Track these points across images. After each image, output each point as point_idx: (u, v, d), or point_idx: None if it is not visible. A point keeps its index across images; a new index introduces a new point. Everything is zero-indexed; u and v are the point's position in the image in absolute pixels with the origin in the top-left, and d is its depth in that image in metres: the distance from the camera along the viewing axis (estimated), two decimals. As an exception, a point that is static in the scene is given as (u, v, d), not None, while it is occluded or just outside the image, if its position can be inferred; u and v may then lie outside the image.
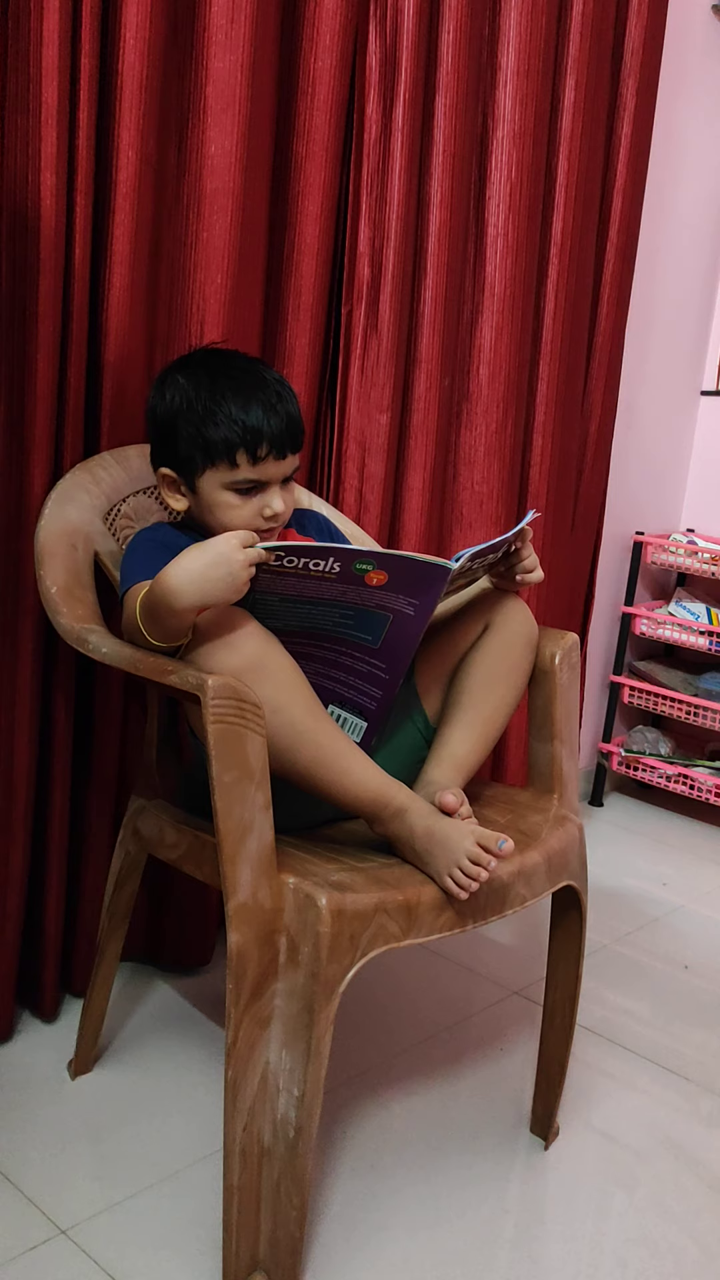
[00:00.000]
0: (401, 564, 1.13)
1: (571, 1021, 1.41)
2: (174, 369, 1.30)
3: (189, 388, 1.26)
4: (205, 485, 1.26)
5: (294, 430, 1.26)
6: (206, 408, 1.23)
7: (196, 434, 1.24)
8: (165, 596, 1.09)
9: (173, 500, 1.31)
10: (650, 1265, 1.27)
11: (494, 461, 1.96)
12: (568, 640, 1.39)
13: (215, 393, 1.24)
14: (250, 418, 1.22)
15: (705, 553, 2.50)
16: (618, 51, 2.07)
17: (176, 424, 1.26)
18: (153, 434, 1.31)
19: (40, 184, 1.30)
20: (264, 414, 1.23)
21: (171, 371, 1.30)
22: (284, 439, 1.25)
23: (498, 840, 1.14)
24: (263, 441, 1.23)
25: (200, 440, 1.24)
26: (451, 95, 1.75)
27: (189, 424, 1.24)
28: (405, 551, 1.13)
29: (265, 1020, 1.10)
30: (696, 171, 2.50)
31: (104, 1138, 1.39)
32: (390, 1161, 1.39)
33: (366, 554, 1.11)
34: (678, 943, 2.02)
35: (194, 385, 1.26)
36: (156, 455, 1.32)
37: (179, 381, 1.27)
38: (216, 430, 1.23)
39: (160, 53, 1.41)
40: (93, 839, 1.57)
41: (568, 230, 1.99)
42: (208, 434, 1.23)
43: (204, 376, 1.26)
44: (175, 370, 1.30)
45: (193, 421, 1.24)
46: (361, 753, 1.17)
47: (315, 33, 1.58)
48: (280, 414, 1.24)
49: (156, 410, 1.29)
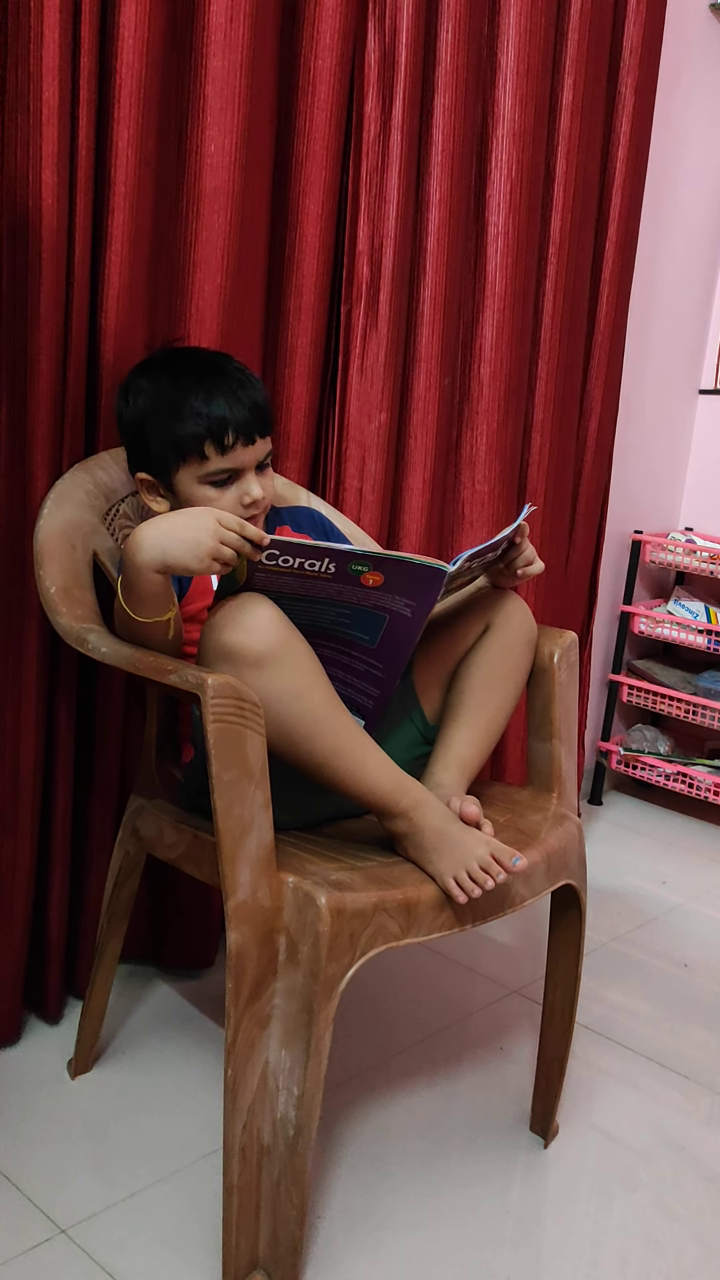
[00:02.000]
0: (397, 566, 1.13)
1: (571, 1020, 1.41)
2: (136, 374, 1.32)
3: (151, 389, 1.28)
4: (181, 483, 1.28)
5: (259, 415, 1.28)
6: (171, 405, 1.25)
7: (164, 433, 1.26)
8: (129, 551, 1.11)
9: (154, 504, 1.32)
10: (651, 1264, 1.27)
11: (495, 461, 1.95)
12: (566, 639, 1.40)
13: (177, 390, 1.26)
14: (213, 409, 1.24)
15: (704, 551, 2.50)
16: (616, 50, 2.07)
17: (144, 427, 1.28)
18: (125, 441, 1.33)
19: (41, 183, 1.30)
20: (227, 403, 1.25)
21: (134, 376, 1.32)
22: (250, 424, 1.26)
23: (512, 856, 1.15)
24: (228, 430, 1.25)
25: (169, 438, 1.26)
26: (450, 94, 1.75)
27: (156, 425, 1.26)
28: (401, 553, 1.13)
29: (265, 1019, 1.10)
30: (695, 170, 2.50)
31: (104, 1137, 1.39)
32: (390, 1160, 1.39)
33: (361, 555, 1.11)
34: (677, 941, 2.02)
35: (156, 386, 1.28)
36: (132, 461, 1.33)
37: (141, 385, 1.29)
38: (183, 426, 1.25)
39: (160, 52, 1.40)
40: (94, 840, 1.57)
41: (566, 228, 1.99)
42: (175, 431, 1.25)
43: (165, 377, 1.28)
44: (137, 375, 1.31)
45: (159, 422, 1.26)
46: (376, 745, 1.17)
47: (315, 32, 1.58)
48: (243, 401, 1.26)
49: (124, 416, 1.31)
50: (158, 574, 1.12)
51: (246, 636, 1.09)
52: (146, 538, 1.11)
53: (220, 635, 1.10)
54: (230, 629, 1.09)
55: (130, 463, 1.34)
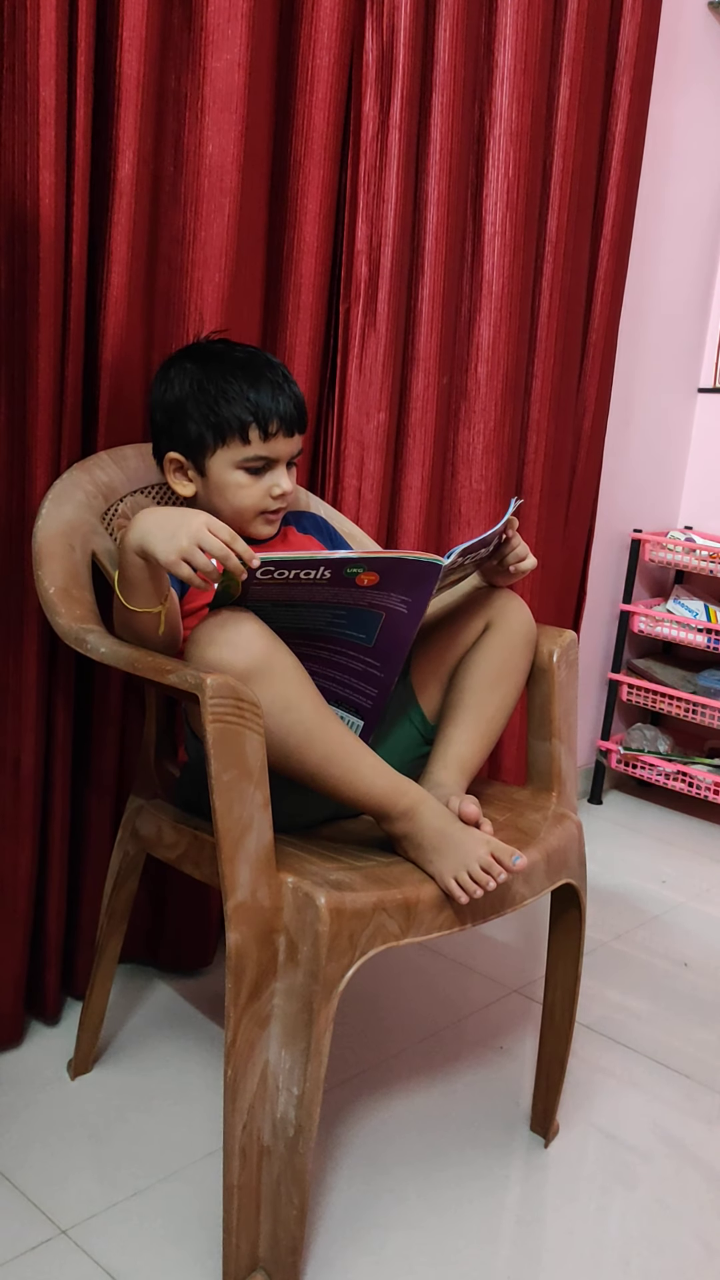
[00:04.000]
0: (392, 564, 1.13)
1: (571, 1019, 1.41)
2: (179, 357, 1.34)
3: (197, 371, 1.30)
4: (216, 466, 1.29)
5: (301, 410, 1.31)
6: (218, 387, 1.27)
7: (208, 413, 1.27)
8: (126, 529, 1.12)
9: (180, 486, 1.33)
10: (652, 1263, 1.27)
11: (492, 460, 1.95)
12: (566, 638, 1.39)
13: (224, 374, 1.28)
14: (261, 396, 1.27)
15: (703, 550, 2.50)
16: (613, 48, 2.07)
17: (186, 406, 1.29)
18: (160, 420, 1.34)
19: (39, 183, 1.30)
20: (273, 392, 1.28)
21: (177, 359, 1.34)
22: (293, 417, 1.30)
23: (512, 855, 1.15)
24: (274, 417, 1.27)
25: (212, 419, 1.27)
26: (448, 93, 1.75)
27: (200, 405, 1.28)
28: (395, 551, 1.13)
29: (264, 1019, 1.10)
30: (692, 168, 2.50)
31: (104, 1137, 1.39)
32: (390, 1160, 1.39)
33: (356, 559, 1.11)
34: (677, 940, 2.02)
35: (202, 369, 1.30)
36: (162, 441, 1.33)
37: (186, 367, 1.31)
38: (229, 408, 1.27)
39: (157, 51, 1.40)
40: (93, 840, 1.57)
41: (562, 227, 1.99)
42: (220, 412, 1.27)
43: (211, 361, 1.30)
44: (181, 358, 1.33)
45: (204, 402, 1.28)
46: (369, 750, 1.17)
47: (313, 30, 1.58)
48: (288, 393, 1.29)
49: (164, 397, 1.32)
50: (139, 558, 1.12)
51: (232, 652, 1.08)
52: (139, 519, 1.11)
53: (205, 652, 1.09)
54: (214, 645, 1.09)
55: (159, 445, 1.35)
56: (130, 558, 1.12)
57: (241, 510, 1.30)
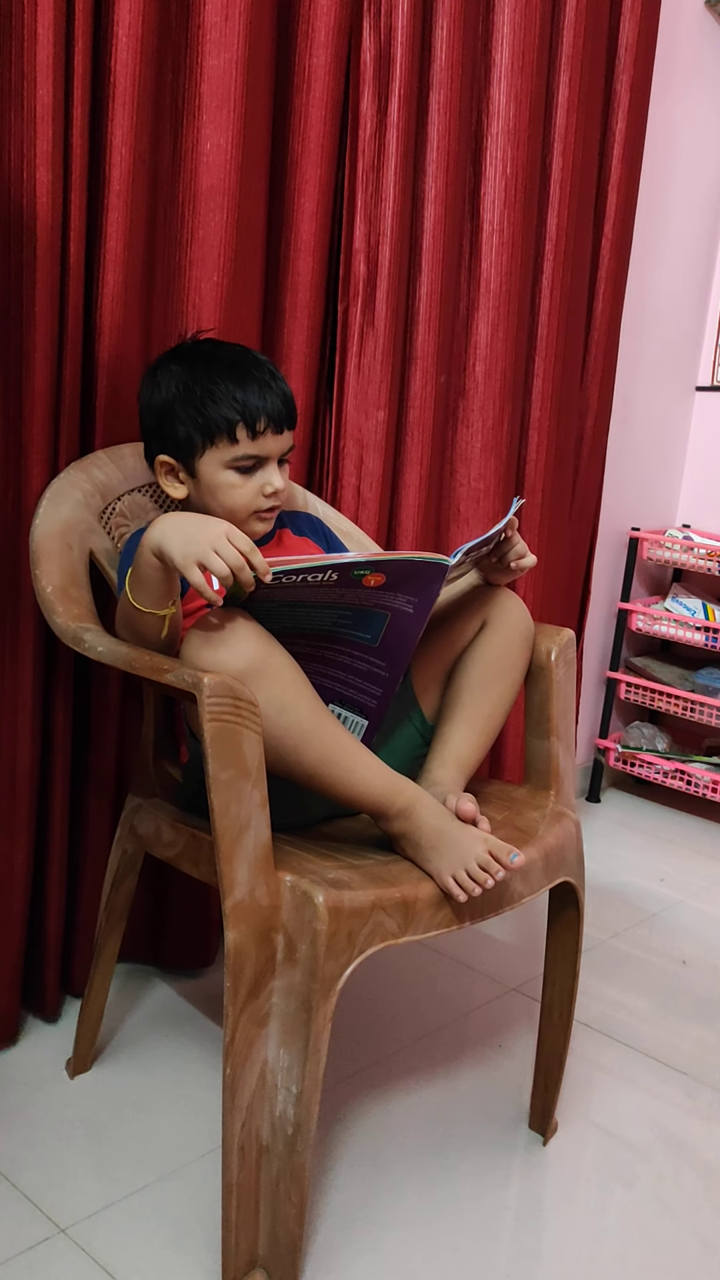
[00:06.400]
0: (398, 565, 1.13)
1: (569, 1017, 1.41)
2: (166, 359, 1.33)
3: (184, 373, 1.29)
4: (206, 467, 1.29)
5: (290, 407, 1.30)
6: (205, 388, 1.27)
7: (196, 414, 1.27)
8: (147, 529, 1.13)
9: (171, 488, 1.32)
10: (650, 1260, 1.27)
11: (490, 458, 1.95)
12: (563, 636, 1.40)
13: (211, 374, 1.27)
14: (248, 394, 1.26)
15: (701, 548, 2.50)
16: (612, 47, 2.07)
17: (174, 409, 1.28)
18: (149, 423, 1.33)
19: (36, 181, 1.30)
20: (260, 390, 1.27)
21: (163, 361, 1.32)
22: (281, 414, 1.29)
23: (510, 853, 1.15)
24: (261, 415, 1.26)
25: (200, 420, 1.27)
26: (446, 91, 1.75)
27: (187, 406, 1.27)
28: (401, 553, 1.13)
29: (263, 1018, 1.10)
30: (691, 166, 2.50)
31: (103, 1136, 1.39)
32: (389, 1158, 1.39)
33: (363, 563, 1.11)
34: (675, 938, 2.02)
35: (189, 370, 1.29)
36: (153, 444, 1.33)
37: (173, 369, 1.30)
38: (216, 408, 1.26)
39: (154, 49, 1.40)
40: (92, 839, 1.57)
41: (562, 226, 1.99)
42: (208, 413, 1.26)
43: (198, 361, 1.30)
44: (167, 360, 1.32)
45: (191, 403, 1.27)
46: (366, 749, 1.17)
47: (310, 29, 1.58)
48: (276, 390, 1.28)
49: (152, 399, 1.31)
50: (156, 558, 1.12)
51: (228, 654, 1.08)
52: (161, 520, 1.12)
53: (200, 654, 1.09)
54: (210, 648, 1.09)
55: (149, 447, 1.34)
56: (147, 557, 1.12)
57: (234, 510, 1.30)
